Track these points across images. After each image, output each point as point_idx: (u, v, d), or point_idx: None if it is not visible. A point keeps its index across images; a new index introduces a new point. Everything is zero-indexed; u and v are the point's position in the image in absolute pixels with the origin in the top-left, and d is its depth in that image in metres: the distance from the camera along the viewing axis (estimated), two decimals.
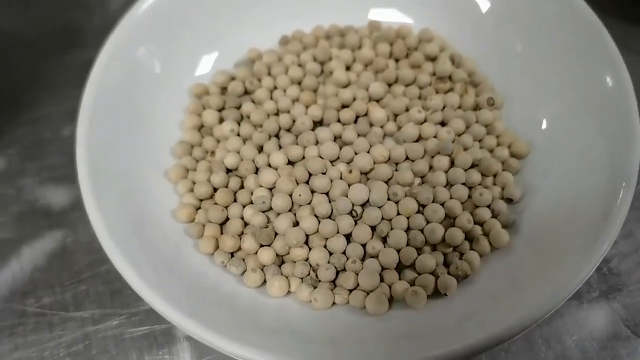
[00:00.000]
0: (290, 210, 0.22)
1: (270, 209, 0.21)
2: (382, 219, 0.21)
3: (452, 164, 0.22)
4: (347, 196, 0.21)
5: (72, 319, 0.22)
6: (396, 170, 0.23)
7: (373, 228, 0.21)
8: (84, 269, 0.23)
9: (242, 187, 0.22)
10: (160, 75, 0.23)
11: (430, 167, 0.22)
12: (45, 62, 0.29)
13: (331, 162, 0.23)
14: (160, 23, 0.23)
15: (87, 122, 0.20)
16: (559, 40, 0.22)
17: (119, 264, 0.18)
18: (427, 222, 0.21)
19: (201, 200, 0.22)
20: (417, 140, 0.23)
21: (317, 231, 0.21)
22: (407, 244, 0.21)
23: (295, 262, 0.21)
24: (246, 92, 0.25)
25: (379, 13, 0.27)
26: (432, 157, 0.23)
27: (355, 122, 0.24)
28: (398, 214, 0.21)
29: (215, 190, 0.22)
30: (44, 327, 0.22)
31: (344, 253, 0.21)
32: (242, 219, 0.22)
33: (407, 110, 0.24)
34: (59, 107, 0.28)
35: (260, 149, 0.23)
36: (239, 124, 0.24)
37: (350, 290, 0.20)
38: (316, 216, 0.21)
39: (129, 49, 0.22)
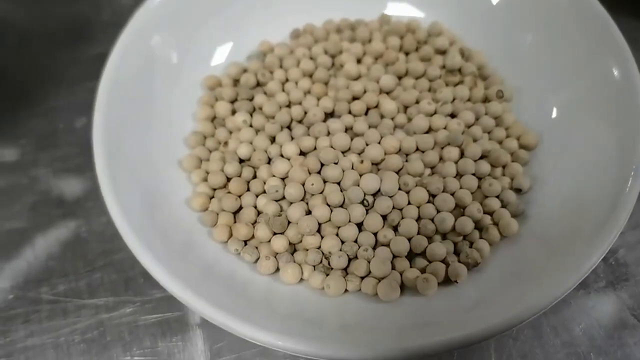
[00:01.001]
0: (302, 200, 0.22)
1: (283, 198, 0.22)
2: (393, 208, 0.21)
3: (462, 155, 0.23)
4: (358, 186, 0.22)
5: (87, 306, 0.23)
6: (407, 161, 0.23)
7: (384, 217, 0.21)
8: (98, 257, 0.24)
9: (255, 176, 0.23)
10: (175, 65, 0.24)
11: (441, 158, 0.23)
12: (57, 56, 0.29)
13: (342, 152, 0.23)
14: (176, 14, 0.24)
15: (103, 111, 0.20)
16: (568, 32, 0.23)
17: (137, 251, 0.18)
18: (438, 212, 0.21)
19: (215, 189, 0.23)
20: (427, 132, 0.23)
21: (329, 220, 0.21)
22: (418, 233, 0.21)
23: (307, 250, 0.21)
24: (258, 84, 0.25)
25: (390, 7, 0.27)
26: (442, 148, 0.23)
27: (366, 114, 0.24)
28: (409, 203, 0.22)
29: (228, 179, 0.23)
30: (59, 314, 0.22)
31: (355, 241, 0.21)
32: (256, 207, 0.22)
33: (417, 102, 0.24)
34: (70, 99, 0.28)
35: (273, 140, 0.24)
36: (251, 115, 0.24)
37: (362, 278, 0.20)
38: (328, 205, 0.21)
39: (145, 39, 0.23)
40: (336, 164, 0.22)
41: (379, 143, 0.23)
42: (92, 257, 0.24)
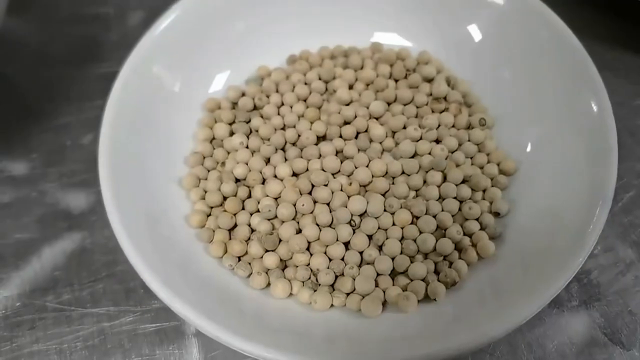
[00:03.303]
0: (294, 219, 0.23)
1: (276, 217, 0.23)
2: (379, 228, 0.23)
3: (445, 179, 0.24)
4: (346, 207, 0.23)
5: (89, 314, 0.24)
6: (393, 183, 0.24)
7: (370, 237, 0.23)
8: (101, 268, 0.25)
9: (249, 196, 0.24)
10: (176, 90, 0.25)
11: (425, 182, 0.24)
12: (67, 74, 0.31)
13: (333, 174, 0.24)
14: (176, 44, 0.25)
15: (108, 135, 0.22)
16: (547, 68, 0.24)
17: (136, 264, 0.19)
18: (420, 233, 0.23)
19: (212, 207, 0.24)
20: (413, 156, 0.25)
21: (318, 239, 0.22)
22: (401, 253, 0.22)
23: (297, 266, 0.22)
24: (255, 108, 0.27)
25: (381, 37, 0.29)
26: (427, 172, 0.24)
27: (356, 137, 0.26)
28: (393, 224, 0.23)
29: (225, 198, 0.24)
30: (63, 321, 0.24)
31: (342, 259, 0.22)
32: (249, 225, 0.24)
33: (404, 127, 0.26)
34: (78, 117, 0.29)
35: (267, 161, 0.25)
36: (248, 137, 0.26)
37: (348, 294, 0.22)
38: (317, 225, 0.23)
39: (147, 67, 0.24)
40: (326, 185, 0.24)
41: (367, 166, 0.24)
42: (96, 268, 0.25)
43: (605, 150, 0.21)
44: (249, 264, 0.23)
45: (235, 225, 0.24)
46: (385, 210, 0.23)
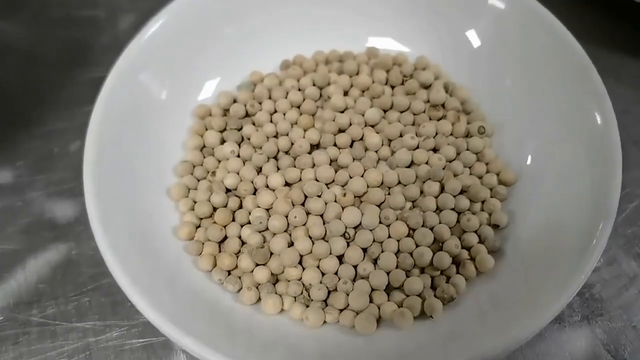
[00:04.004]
0: (285, 231, 0.22)
1: (267, 229, 0.22)
2: (374, 241, 0.22)
3: (443, 189, 0.23)
4: (340, 219, 0.22)
5: (75, 329, 0.23)
6: (389, 194, 0.24)
7: (364, 250, 0.22)
8: (87, 281, 0.24)
9: (240, 206, 0.23)
10: (164, 100, 0.24)
11: (421, 192, 0.23)
12: (56, 78, 0.30)
13: (326, 184, 0.23)
14: (164, 51, 0.24)
15: (93, 146, 0.21)
16: (549, 75, 0.24)
17: (119, 278, 0.19)
18: (417, 246, 0.22)
19: (201, 218, 0.23)
20: (409, 166, 0.24)
21: (311, 252, 0.22)
22: (397, 267, 0.21)
23: (289, 281, 0.22)
24: (247, 115, 0.26)
25: (378, 41, 0.28)
26: (424, 182, 0.23)
27: (351, 146, 0.25)
28: (389, 236, 0.22)
29: (215, 209, 0.23)
30: (47, 336, 0.23)
31: (336, 273, 0.22)
32: (240, 238, 0.23)
33: (401, 135, 0.25)
34: (67, 123, 0.29)
35: (259, 170, 0.24)
36: (239, 146, 0.25)
37: (341, 310, 0.21)
38: (310, 237, 0.22)
39: (134, 75, 0.23)
40: (319, 196, 0.23)
41: (362, 176, 0.23)
42: (82, 281, 0.24)
43: (609, 165, 0.20)
44: (239, 278, 0.22)
45: (226, 238, 0.23)
46: (380, 222, 0.22)
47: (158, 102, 0.24)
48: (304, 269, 0.22)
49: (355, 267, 0.22)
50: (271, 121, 0.26)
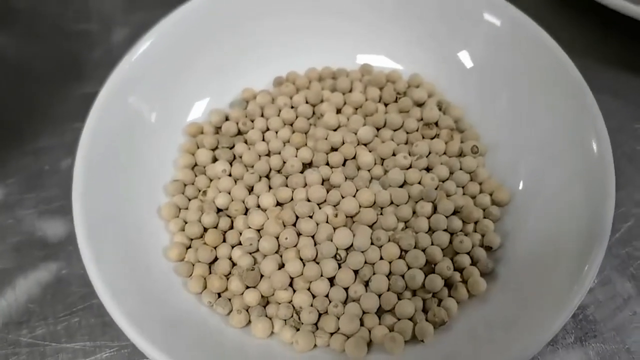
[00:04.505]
0: (277, 252, 0.22)
1: (258, 250, 0.22)
2: (365, 263, 0.22)
3: (435, 209, 0.23)
4: (332, 240, 0.22)
5: (64, 350, 0.23)
6: (381, 214, 0.23)
7: (356, 272, 0.22)
8: (77, 301, 0.24)
9: (231, 227, 0.23)
10: (154, 120, 0.24)
11: (414, 212, 0.23)
12: (48, 94, 0.30)
13: (318, 204, 0.23)
14: (153, 71, 0.24)
15: (82, 166, 0.21)
16: (543, 96, 0.23)
17: (106, 301, 0.19)
18: (409, 268, 0.22)
19: (192, 239, 0.23)
20: (402, 186, 0.24)
21: (302, 274, 0.21)
22: (388, 289, 0.21)
23: (279, 303, 0.21)
24: (239, 133, 0.26)
25: (372, 59, 0.28)
26: (416, 202, 0.23)
27: (344, 164, 0.25)
28: (381, 258, 0.22)
29: (205, 230, 0.23)
30: (37, 357, 0.23)
31: (327, 296, 0.21)
32: (231, 259, 0.23)
33: (394, 154, 0.25)
34: (58, 139, 0.28)
35: (251, 190, 0.24)
36: (231, 165, 0.25)
37: (332, 334, 0.21)
38: (301, 259, 0.22)
39: (123, 98, 0.23)
40: (311, 217, 0.23)
41: (354, 196, 0.23)
42: (72, 301, 0.24)
43: (602, 189, 0.20)
44: (229, 300, 0.22)
45: (216, 259, 0.23)
46: (372, 244, 0.22)
47: (148, 122, 0.24)
48: (294, 291, 0.22)
49: (346, 289, 0.22)
50: (263, 139, 0.25)
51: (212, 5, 0.26)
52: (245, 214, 0.23)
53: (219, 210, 0.24)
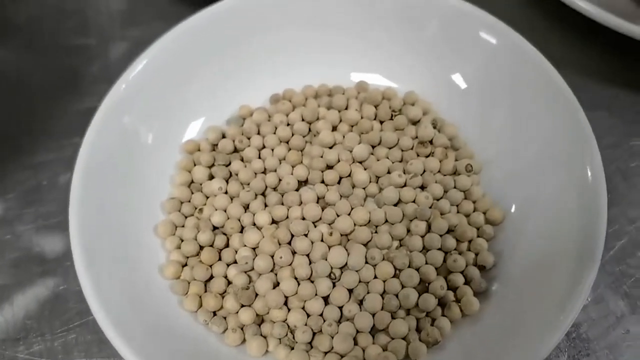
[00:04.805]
0: (272, 270, 0.22)
1: (253, 269, 0.22)
2: (360, 281, 0.22)
3: (429, 228, 0.23)
4: (326, 259, 0.22)
5: None
6: (375, 232, 0.23)
7: (350, 291, 0.22)
8: (74, 317, 0.24)
9: (227, 245, 0.23)
10: (151, 139, 0.25)
11: (408, 231, 0.23)
12: (45, 108, 0.30)
13: (313, 223, 0.23)
14: (149, 90, 0.24)
15: (79, 187, 0.21)
16: (540, 118, 0.23)
17: (100, 319, 0.19)
18: (402, 287, 0.22)
19: (188, 257, 0.23)
20: (396, 204, 0.24)
21: (296, 293, 0.22)
22: (382, 308, 0.21)
23: (274, 322, 0.22)
24: (236, 150, 0.26)
25: (367, 77, 0.28)
26: (411, 220, 0.23)
27: (339, 182, 0.25)
28: (375, 277, 0.22)
29: (201, 247, 0.23)
30: None
31: (321, 315, 0.22)
32: (226, 277, 0.23)
33: (389, 172, 0.25)
34: (56, 154, 0.29)
35: (247, 207, 0.24)
36: (227, 182, 0.25)
37: (326, 353, 0.21)
38: (296, 278, 0.22)
39: (117, 119, 0.23)
40: (306, 235, 0.23)
41: (349, 214, 0.23)
42: (69, 317, 0.24)
43: (595, 216, 0.20)
44: (224, 318, 0.22)
45: (212, 277, 0.23)
46: (366, 262, 0.22)
47: (144, 141, 0.24)
48: (289, 310, 0.22)
49: (340, 308, 0.22)
50: (259, 157, 0.26)
51: (208, 24, 0.26)
52: (241, 231, 0.24)
53: (215, 228, 0.24)
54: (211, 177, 0.25)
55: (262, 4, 0.27)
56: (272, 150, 0.26)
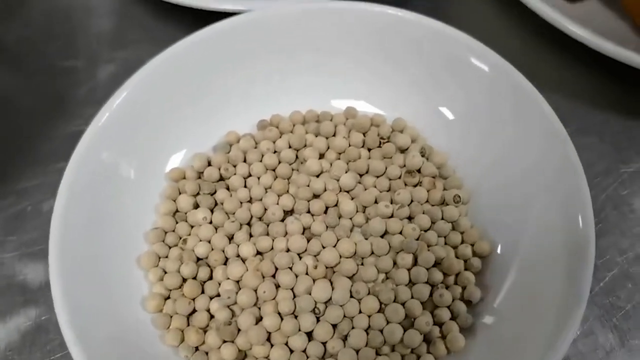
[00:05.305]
0: (255, 304, 0.22)
1: (236, 303, 0.22)
2: (344, 317, 0.22)
3: (416, 261, 0.23)
4: (310, 293, 0.22)
5: None
6: (362, 264, 0.23)
7: (334, 326, 0.22)
8: (56, 348, 0.24)
9: (211, 277, 0.23)
10: (132, 175, 0.24)
11: (395, 263, 0.23)
12: (31, 131, 0.30)
13: (298, 254, 0.23)
14: (127, 127, 0.24)
15: (59, 220, 0.21)
16: (532, 152, 0.23)
17: (76, 354, 0.19)
18: (388, 322, 0.21)
19: (170, 290, 0.23)
20: (383, 235, 0.24)
21: (279, 329, 0.21)
22: (367, 344, 0.21)
23: (257, 358, 0.21)
24: (221, 178, 0.26)
25: (356, 104, 0.28)
26: (397, 252, 0.23)
27: (326, 212, 0.25)
28: (360, 312, 0.22)
29: (184, 280, 0.23)
30: None
31: (304, 351, 0.21)
32: (209, 311, 0.22)
33: (376, 202, 0.24)
34: (40, 179, 0.28)
35: (231, 238, 0.24)
36: (212, 211, 0.25)
37: None
38: (279, 313, 0.22)
39: (96, 155, 0.23)
40: (291, 268, 0.23)
41: (335, 246, 0.23)
42: (50, 348, 0.24)
43: (581, 264, 0.20)
44: (207, 353, 0.22)
45: (194, 311, 0.23)
46: (351, 297, 0.22)
47: (127, 175, 0.24)
48: (272, 345, 0.21)
49: (324, 344, 0.21)
50: (245, 185, 0.25)
51: (189, 52, 0.25)
52: (225, 263, 0.23)
53: (199, 259, 0.24)
54: (196, 206, 0.25)
55: (249, 29, 0.27)
56: (258, 178, 0.25)
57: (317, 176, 0.25)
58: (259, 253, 0.23)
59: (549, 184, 0.22)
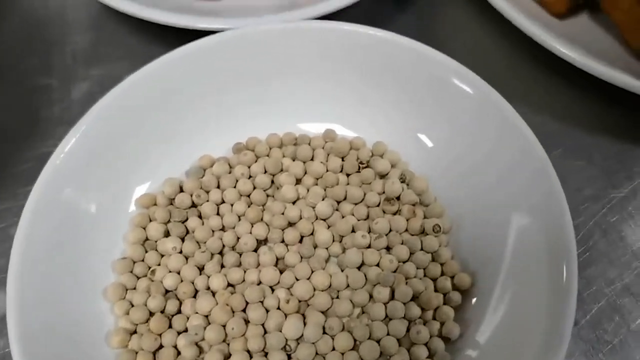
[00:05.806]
0: (224, 340, 0.21)
1: (204, 339, 0.21)
2: (317, 354, 0.21)
3: (393, 294, 0.22)
4: (281, 330, 0.21)
5: None
6: (337, 297, 0.22)
7: None
8: None
9: (179, 311, 0.22)
10: (94, 210, 0.23)
11: (371, 297, 0.22)
12: (3, 153, 0.29)
13: (271, 287, 0.22)
14: (85, 165, 0.23)
15: (18, 257, 0.21)
16: (517, 184, 0.22)
17: None
18: None
19: (137, 324, 0.22)
20: (360, 267, 0.23)
21: None
22: None
23: None
24: (193, 205, 0.25)
25: (336, 127, 0.27)
26: (373, 285, 0.22)
27: (301, 241, 0.24)
28: (333, 349, 0.21)
29: (152, 314, 0.22)
30: None
31: None
32: (176, 347, 0.21)
33: (353, 231, 0.24)
34: (9, 203, 0.27)
35: (202, 268, 0.23)
36: (182, 240, 0.24)
37: None
38: (248, 351, 0.21)
39: (56, 193, 0.22)
40: (262, 302, 0.22)
41: (309, 278, 0.22)
42: None
43: (564, 298, 0.19)
44: None
45: (161, 346, 0.22)
46: (324, 332, 0.21)
47: (88, 210, 0.23)
48: None
49: None
50: (218, 213, 0.24)
51: (157, 74, 0.25)
52: (195, 296, 0.22)
53: (167, 291, 0.23)
54: (167, 234, 0.24)
55: (225, 48, 0.26)
56: (232, 205, 0.24)
57: (293, 203, 0.24)
58: (230, 285, 0.23)
59: (532, 216, 0.21)
